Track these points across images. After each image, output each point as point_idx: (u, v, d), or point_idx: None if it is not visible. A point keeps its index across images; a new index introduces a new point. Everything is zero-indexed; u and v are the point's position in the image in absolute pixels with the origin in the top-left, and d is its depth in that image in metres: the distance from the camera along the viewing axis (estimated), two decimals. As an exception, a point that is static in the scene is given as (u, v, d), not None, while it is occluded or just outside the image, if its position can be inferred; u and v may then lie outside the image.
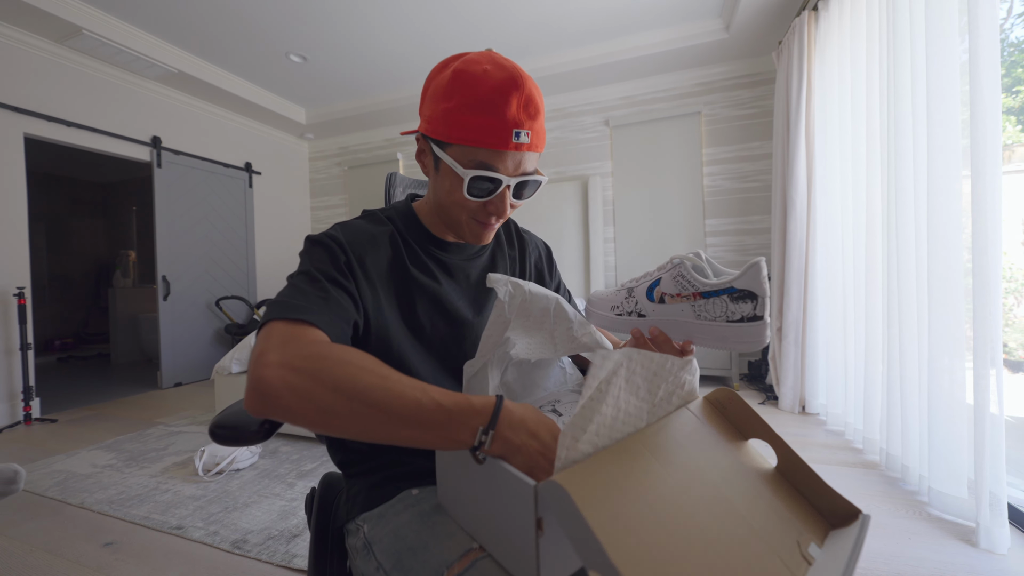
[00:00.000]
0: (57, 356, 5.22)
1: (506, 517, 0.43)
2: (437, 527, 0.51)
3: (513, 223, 0.81)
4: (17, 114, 2.72)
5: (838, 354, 2.20)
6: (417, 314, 0.63)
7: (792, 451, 0.45)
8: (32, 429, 2.59)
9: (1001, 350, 1.24)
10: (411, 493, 0.59)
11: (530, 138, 0.55)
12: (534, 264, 0.81)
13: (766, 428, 0.47)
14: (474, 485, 0.47)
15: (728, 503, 0.39)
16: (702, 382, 3.16)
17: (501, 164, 0.55)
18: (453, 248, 0.69)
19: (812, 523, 0.42)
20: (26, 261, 2.77)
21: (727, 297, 0.50)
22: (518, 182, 0.58)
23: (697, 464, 0.42)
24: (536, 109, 0.55)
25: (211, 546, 1.40)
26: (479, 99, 0.53)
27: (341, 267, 0.57)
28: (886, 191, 1.71)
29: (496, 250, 0.75)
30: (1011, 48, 1.70)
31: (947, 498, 1.42)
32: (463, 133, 0.55)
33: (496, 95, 0.53)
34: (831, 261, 2.27)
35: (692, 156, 3.48)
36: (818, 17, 2.35)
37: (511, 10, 2.86)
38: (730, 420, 0.50)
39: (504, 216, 0.61)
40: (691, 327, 0.52)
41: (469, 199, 0.58)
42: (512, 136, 0.54)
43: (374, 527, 0.57)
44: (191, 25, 2.93)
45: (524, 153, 0.56)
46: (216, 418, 0.61)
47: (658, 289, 0.54)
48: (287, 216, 4.79)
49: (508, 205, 0.59)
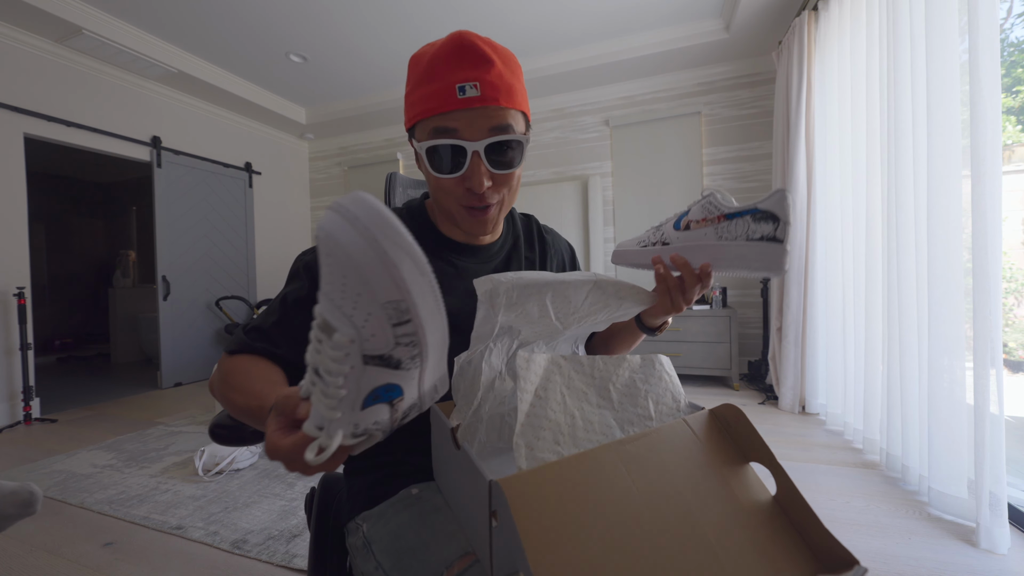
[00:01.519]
0: (57, 356, 5.22)
1: (471, 504, 0.44)
2: (437, 526, 0.51)
3: (536, 222, 0.75)
4: (17, 114, 2.72)
5: (838, 354, 2.20)
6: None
7: (791, 482, 0.42)
8: (32, 429, 2.59)
9: (1001, 350, 1.24)
10: (411, 492, 0.58)
11: (479, 89, 0.49)
12: (556, 268, 0.74)
13: (767, 453, 0.44)
14: (451, 469, 0.49)
15: (697, 528, 0.37)
16: (702, 382, 3.16)
17: (456, 126, 0.50)
18: (467, 251, 0.65)
19: (798, 563, 0.38)
20: (26, 261, 2.78)
21: (750, 217, 0.50)
22: (487, 145, 0.51)
23: (673, 483, 0.40)
24: (482, 58, 0.50)
25: (211, 546, 1.40)
26: (423, 71, 0.52)
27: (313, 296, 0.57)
28: (886, 191, 1.71)
29: (512, 252, 0.70)
30: (1011, 48, 1.70)
31: (947, 498, 1.42)
32: (416, 109, 0.53)
33: (436, 61, 0.51)
34: (831, 261, 2.27)
35: (692, 156, 3.48)
36: (818, 17, 2.35)
37: (511, 10, 2.86)
38: (733, 439, 0.46)
39: (482, 189, 0.52)
40: (712, 249, 0.53)
41: (440, 177, 0.53)
42: (456, 92, 0.49)
43: (373, 526, 0.56)
44: (191, 25, 2.93)
45: (479, 109, 0.50)
46: (216, 418, 0.61)
47: (686, 219, 0.56)
48: (287, 216, 4.79)
49: (484, 176, 0.52)
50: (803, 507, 0.41)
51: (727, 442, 0.46)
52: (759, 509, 0.41)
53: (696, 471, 0.42)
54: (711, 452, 0.44)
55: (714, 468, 0.43)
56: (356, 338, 0.28)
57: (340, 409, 0.30)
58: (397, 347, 0.29)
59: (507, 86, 0.52)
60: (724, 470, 0.43)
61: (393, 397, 0.32)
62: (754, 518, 0.40)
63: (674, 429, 0.44)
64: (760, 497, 0.42)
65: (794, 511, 0.41)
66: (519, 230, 0.72)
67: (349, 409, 0.31)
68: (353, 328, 0.28)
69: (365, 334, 0.28)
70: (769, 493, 0.43)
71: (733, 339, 2.94)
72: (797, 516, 0.41)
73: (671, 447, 0.43)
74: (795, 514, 0.41)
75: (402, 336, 0.28)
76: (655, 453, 0.41)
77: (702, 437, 0.45)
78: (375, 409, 0.32)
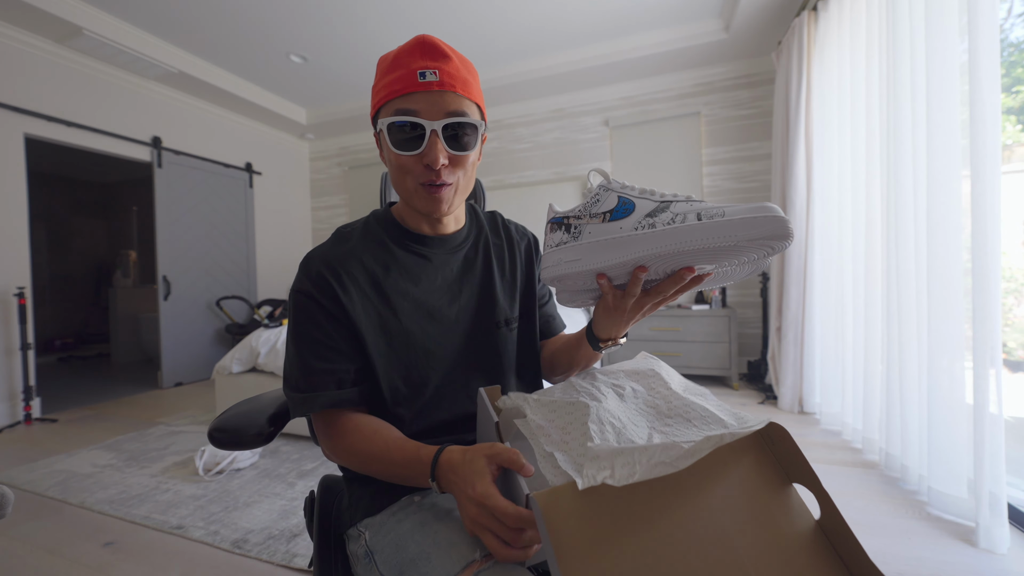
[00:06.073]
0: (57, 356, 5.22)
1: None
2: (439, 535, 0.51)
3: (500, 216, 0.79)
4: (17, 114, 2.73)
5: (837, 354, 2.20)
6: (401, 320, 0.62)
7: (836, 508, 0.40)
8: (32, 429, 2.60)
9: (1001, 350, 1.24)
10: (413, 499, 0.58)
11: (438, 76, 0.55)
12: (524, 252, 0.77)
13: (812, 476, 0.42)
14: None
15: (733, 552, 0.36)
16: (702, 382, 3.16)
17: (417, 106, 0.56)
18: (434, 242, 0.67)
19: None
20: (26, 261, 2.78)
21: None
22: (445, 125, 0.56)
23: (710, 504, 0.39)
24: (441, 53, 0.57)
25: (211, 546, 1.40)
26: (390, 63, 0.58)
27: (321, 323, 0.60)
28: (886, 191, 1.71)
29: (478, 240, 0.72)
30: (1011, 48, 1.70)
31: (947, 498, 1.42)
32: (381, 95, 0.58)
33: (401, 54, 0.58)
34: (830, 261, 2.27)
35: (692, 156, 3.48)
36: (817, 17, 2.35)
37: (511, 10, 2.86)
38: (778, 458, 0.44)
39: (438, 165, 0.56)
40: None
41: (401, 154, 0.57)
42: (417, 76, 0.55)
43: (375, 535, 0.56)
44: (191, 25, 2.93)
45: (437, 92, 0.56)
46: (215, 422, 0.61)
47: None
48: (288, 216, 4.79)
49: (441, 153, 0.56)
50: (847, 535, 0.39)
51: (770, 462, 0.44)
52: (800, 535, 0.40)
53: (736, 492, 0.40)
54: (753, 473, 0.42)
55: (756, 489, 0.41)
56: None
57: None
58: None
59: (463, 79, 0.58)
60: (766, 492, 0.41)
61: None
62: (794, 544, 0.39)
63: (715, 448, 0.41)
64: (802, 522, 0.40)
65: (837, 539, 0.39)
66: (483, 221, 0.76)
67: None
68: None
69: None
70: (812, 518, 0.41)
71: (732, 339, 2.94)
72: (840, 544, 0.39)
73: (710, 466, 0.41)
74: (838, 542, 0.39)
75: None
76: (693, 473, 0.40)
77: (744, 456, 0.43)
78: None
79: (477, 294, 0.68)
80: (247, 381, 2.39)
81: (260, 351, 2.36)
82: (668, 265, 0.47)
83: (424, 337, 0.63)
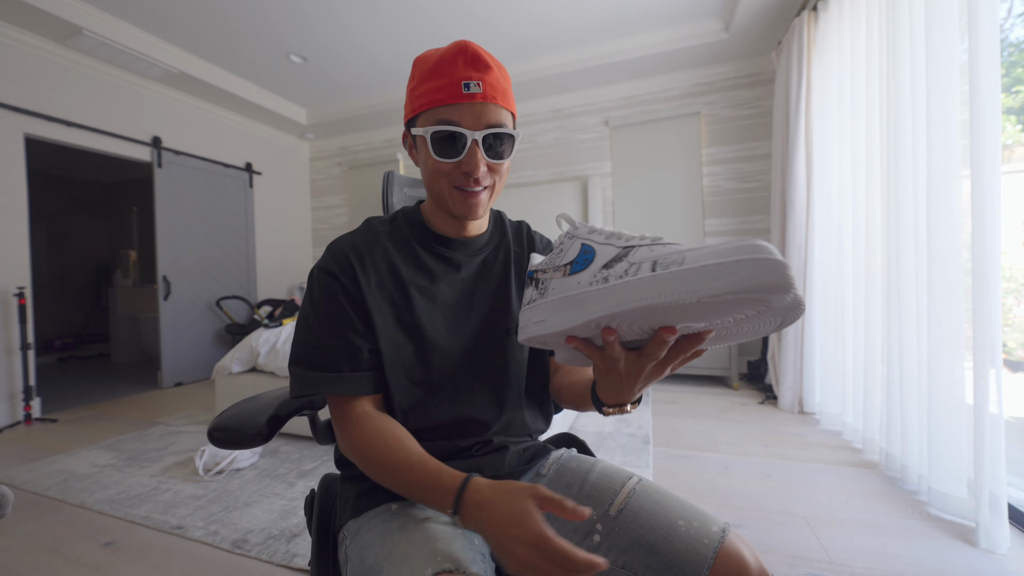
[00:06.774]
0: (57, 356, 5.22)
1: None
2: (396, 547, 0.50)
3: (527, 226, 0.79)
4: (17, 114, 2.73)
5: (837, 354, 2.20)
6: (414, 312, 0.63)
7: None
8: (32, 429, 2.60)
9: (1000, 350, 1.24)
10: (390, 507, 0.58)
11: (482, 88, 0.57)
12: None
13: None
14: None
15: None
16: (702, 382, 3.16)
17: (460, 117, 0.57)
18: (456, 244, 0.68)
19: None
20: (26, 261, 2.78)
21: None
22: (485, 135, 0.58)
23: None
24: (484, 64, 0.58)
25: (211, 545, 1.40)
26: (431, 68, 0.59)
27: (340, 300, 0.60)
28: (886, 191, 1.71)
29: (500, 245, 0.73)
30: (1011, 48, 1.70)
31: (947, 498, 1.42)
32: (422, 101, 0.59)
33: (443, 61, 0.58)
34: (830, 261, 2.27)
35: (692, 156, 3.48)
36: (818, 17, 2.35)
37: (511, 10, 2.86)
38: None
39: (476, 172, 0.58)
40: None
41: (440, 161, 0.58)
42: (462, 88, 0.56)
43: (352, 543, 0.57)
44: (191, 25, 2.93)
45: (480, 104, 0.57)
46: (214, 421, 0.61)
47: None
48: (288, 216, 4.79)
49: (480, 162, 0.58)
50: None
51: None
52: None
53: None
54: None
55: None
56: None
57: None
58: None
59: (503, 89, 0.60)
60: None
61: None
62: None
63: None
64: None
65: None
66: (507, 228, 0.76)
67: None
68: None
69: None
70: None
71: (733, 339, 2.94)
72: None
73: None
74: None
75: None
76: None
77: None
78: None
79: (491, 299, 0.68)
80: (247, 381, 2.40)
81: (260, 351, 2.36)
82: (639, 324, 0.39)
83: (434, 333, 0.63)
